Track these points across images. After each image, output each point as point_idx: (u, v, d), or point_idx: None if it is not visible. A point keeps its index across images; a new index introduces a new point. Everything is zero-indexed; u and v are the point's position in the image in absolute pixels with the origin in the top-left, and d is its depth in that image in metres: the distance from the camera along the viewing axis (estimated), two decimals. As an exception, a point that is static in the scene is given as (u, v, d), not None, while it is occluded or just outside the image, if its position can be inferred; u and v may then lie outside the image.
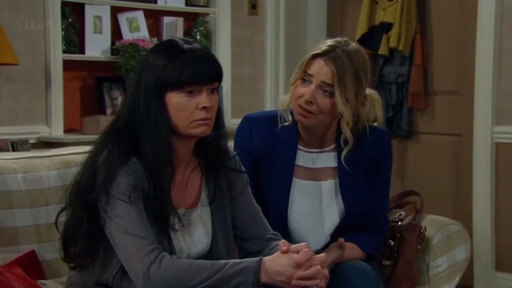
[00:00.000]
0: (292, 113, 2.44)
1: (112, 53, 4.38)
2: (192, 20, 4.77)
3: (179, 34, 4.61)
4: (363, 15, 4.73)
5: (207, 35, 4.76)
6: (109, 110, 4.40)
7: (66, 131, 4.27)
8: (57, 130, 4.21)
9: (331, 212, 2.47)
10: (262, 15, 5.04)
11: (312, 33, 5.22)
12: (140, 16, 4.52)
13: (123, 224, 1.96)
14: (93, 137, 3.98)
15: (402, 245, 2.59)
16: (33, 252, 2.36)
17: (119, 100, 4.44)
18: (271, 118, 2.49)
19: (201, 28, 4.74)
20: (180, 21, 4.62)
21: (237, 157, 2.25)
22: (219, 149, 2.16)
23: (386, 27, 4.67)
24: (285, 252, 1.95)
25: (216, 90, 2.06)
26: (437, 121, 4.60)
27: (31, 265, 2.32)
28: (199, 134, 2.04)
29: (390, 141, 2.56)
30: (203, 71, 2.00)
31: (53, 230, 2.36)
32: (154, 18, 4.65)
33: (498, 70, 4.21)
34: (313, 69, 2.37)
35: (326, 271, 1.95)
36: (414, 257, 2.60)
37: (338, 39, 2.44)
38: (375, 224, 2.51)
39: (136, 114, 2.00)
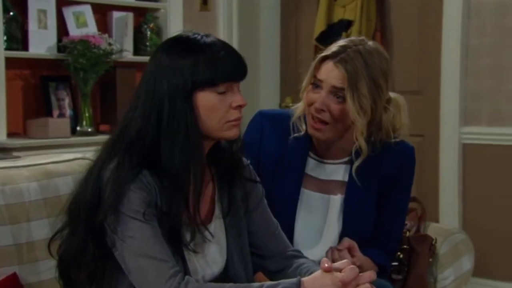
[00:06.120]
0: (306, 121, 2.22)
1: (59, 50, 4.03)
2: (141, 16, 4.48)
3: (130, 30, 4.32)
4: (321, 12, 4.57)
5: (158, 32, 4.49)
6: (55, 112, 4.07)
7: (9, 135, 3.91)
8: (-1, 134, 3.84)
9: (333, 229, 2.26)
10: (214, 11, 4.81)
11: (266, 29, 5.05)
12: (87, 10, 4.19)
13: (138, 245, 1.71)
14: (41, 141, 3.79)
15: (413, 258, 2.42)
16: (14, 275, 2.06)
17: (66, 101, 4.12)
18: (286, 118, 2.27)
19: (151, 24, 4.46)
20: (130, 16, 4.32)
21: (251, 166, 2.02)
22: (234, 156, 1.93)
23: (346, 24, 4.52)
24: (328, 270, 1.72)
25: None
26: (398, 121, 4.47)
27: (14, 290, 2.03)
28: (232, 137, 1.83)
29: (415, 159, 2.31)
30: (235, 67, 1.78)
31: (35, 250, 2.12)
32: (102, 13, 4.33)
33: (465, 70, 4.12)
34: (322, 73, 2.15)
35: None
36: (426, 271, 2.42)
37: (353, 38, 2.21)
38: (382, 246, 2.29)
39: (154, 121, 1.75)
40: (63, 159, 2.27)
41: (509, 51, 4.00)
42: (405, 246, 2.44)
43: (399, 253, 2.41)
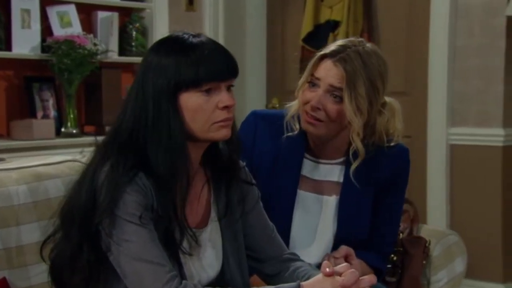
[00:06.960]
0: (300, 121, 2.19)
1: (43, 51, 3.97)
2: (126, 16, 4.43)
3: (115, 30, 4.26)
4: (308, 13, 4.55)
5: (144, 32, 4.44)
6: (39, 113, 4.02)
7: (-9, 136, 3.86)
8: (-18, 136, 3.78)
9: (327, 230, 2.23)
10: (200, 11, 4.76)
11: (252, 30, 5.03)
12: (71, 10, 4.13)
13: (135, 249, 1.67)
14: (25, 143, 3.72)
15: (407, 260, 2.40)
16: (4, 280, 2.01)
17: (51, 102, 4.06)
18: (279, 118, 2.24)
19: (137, 25, 4.41)
20: (115, 16, 4.27)
21: (246, 168, 1.98)
22: (231, 158, 1.89)
23: (333, 25, 4.50)
24: (330, 274, 1.68)
25: (232, 86, 1.80)
26: (385, 122, 4.46)
27: (4, 296, 1.98)
28: (221, 138, 1.78)
29: (409, 161, 2.30)
30: (221, 66, 1.74)
31: (25, 254, 2.07)
32: (86, 12, 4.27)
33: (452, 70, 4.11)
34: (320, 72, 2.13)
35: None
36: (420, 273, 2.40)
37: (352, 39, 2.18)
38: (377, 249, 2.26)
39: (143, 122, 1.72)
40: (52, 162, 2.22)
41: (496, 52, 4.00)
42: (398, 248, 2.42)
43: (392, 255, 2.39)
